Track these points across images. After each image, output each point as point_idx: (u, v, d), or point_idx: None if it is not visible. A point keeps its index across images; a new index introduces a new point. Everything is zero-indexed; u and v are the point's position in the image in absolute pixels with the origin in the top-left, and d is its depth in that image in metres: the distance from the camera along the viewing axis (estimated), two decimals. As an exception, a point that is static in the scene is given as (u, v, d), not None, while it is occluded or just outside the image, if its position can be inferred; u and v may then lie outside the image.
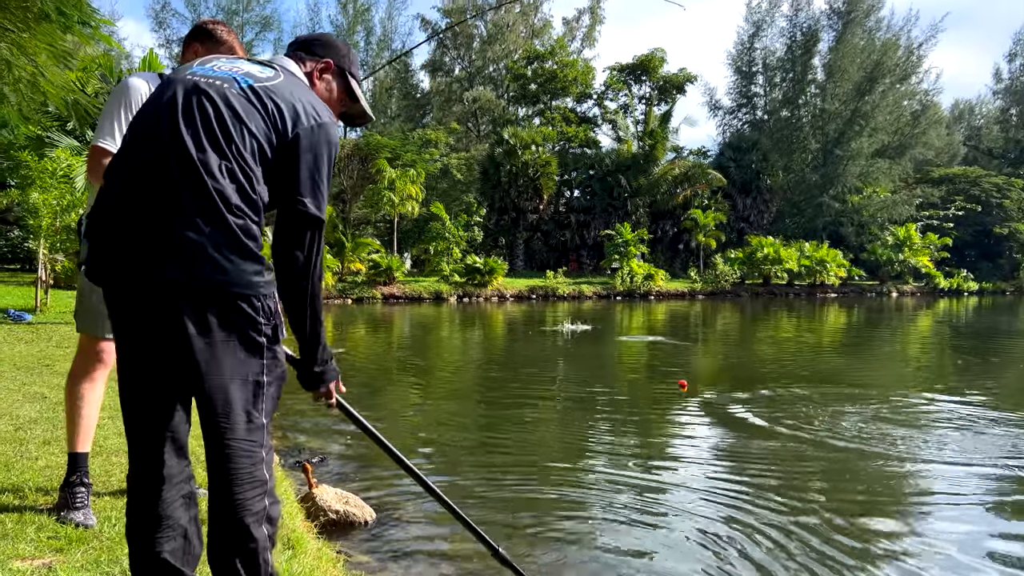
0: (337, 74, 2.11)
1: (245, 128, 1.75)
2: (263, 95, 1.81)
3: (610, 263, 40.47)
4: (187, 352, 1.69)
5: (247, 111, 1.77)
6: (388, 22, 56.56)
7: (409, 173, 36.66)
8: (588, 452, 6.18)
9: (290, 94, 1.85)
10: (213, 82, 1.81)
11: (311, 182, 1.81)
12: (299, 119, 1.81)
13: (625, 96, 51.81)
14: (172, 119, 1.73)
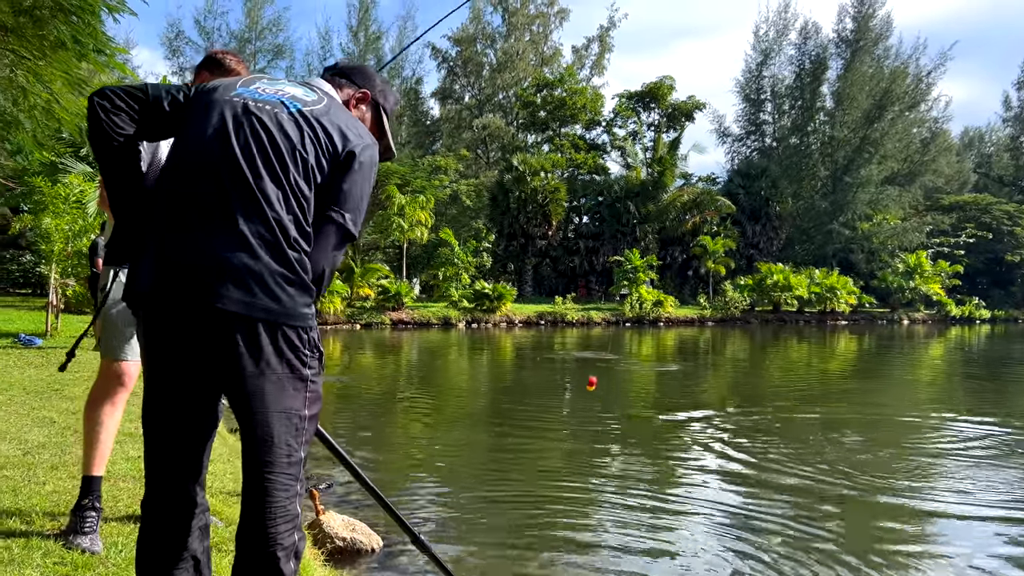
0: (372, 106, 2.13)
1: (299, 155, 1.75)
2: (313, 120, 1.81)
3: (619, 289, 40.41)
4: (238, 382, 1.68)
5: (300, 137, 1.77)
6: (398, 50, 57.17)
7: (419, 199, 36.84)
8: (595, 479, 6.11)
9: (337, 118, 1.86)
10: (263, 106, 1.80)
11: (357, 200, 1.85)
12: (348, 140, 1.83)
13: (634, 123, 52.08)
14: (225, 143, 1.72)
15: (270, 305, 1.65)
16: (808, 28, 55.94)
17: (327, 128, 1.81)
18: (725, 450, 7.13)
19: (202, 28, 53.32)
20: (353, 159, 1.82)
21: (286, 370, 1.71)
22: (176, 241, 1.68)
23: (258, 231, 1.65)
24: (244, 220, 1.65)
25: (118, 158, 1.80)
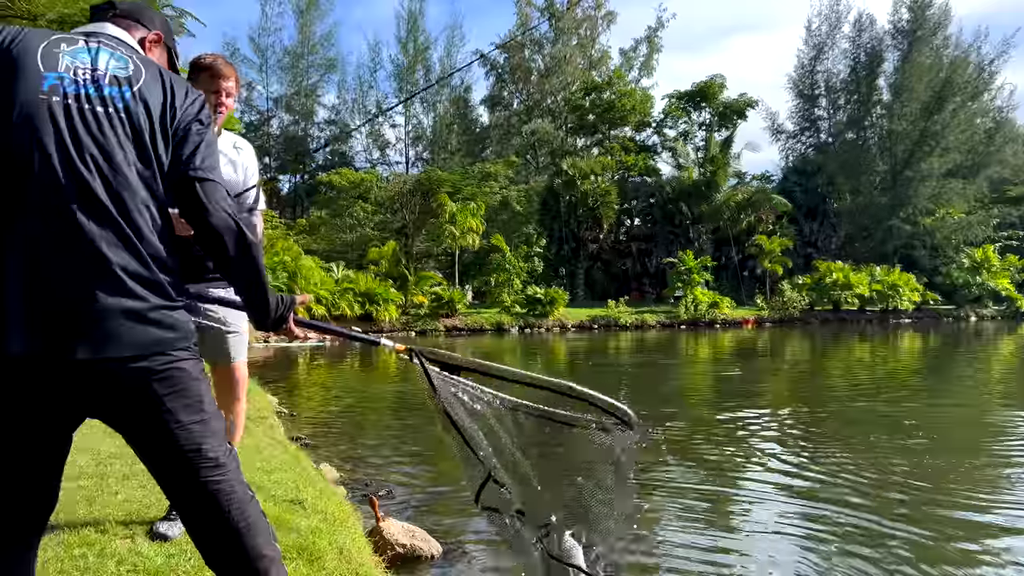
0: (164, 49, 2.02)
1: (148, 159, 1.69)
2: (143, 102, 1.70)
3: (673, 291, 40.00)
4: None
5: (147, 137, 1.68)
6: (447, 59, 57.56)
7: (470, 206, 37.08)
8: (653, 483, 6.05)
9: (158, 83, 1.75)
10: (89, 109, 1.65)
11: (208, 152, 1.77)
12: (185, 109, 1.76)
13: (685, 123, 51.55)
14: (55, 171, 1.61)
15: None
16: (862, 20, 54.62)
17: (156, 104, 1.72)
18: (788, 455, 7.00)
19: (256, 46, 54.64)
20: (194, 119, 1.76)
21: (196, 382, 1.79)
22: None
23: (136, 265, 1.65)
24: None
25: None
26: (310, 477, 4.65)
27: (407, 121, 56.77)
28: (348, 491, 5.31)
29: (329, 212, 44.17)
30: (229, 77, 3.05)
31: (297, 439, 7.18)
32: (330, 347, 23.92)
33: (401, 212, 43.35)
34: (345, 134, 55.62)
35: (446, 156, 55.02)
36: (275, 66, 54.98)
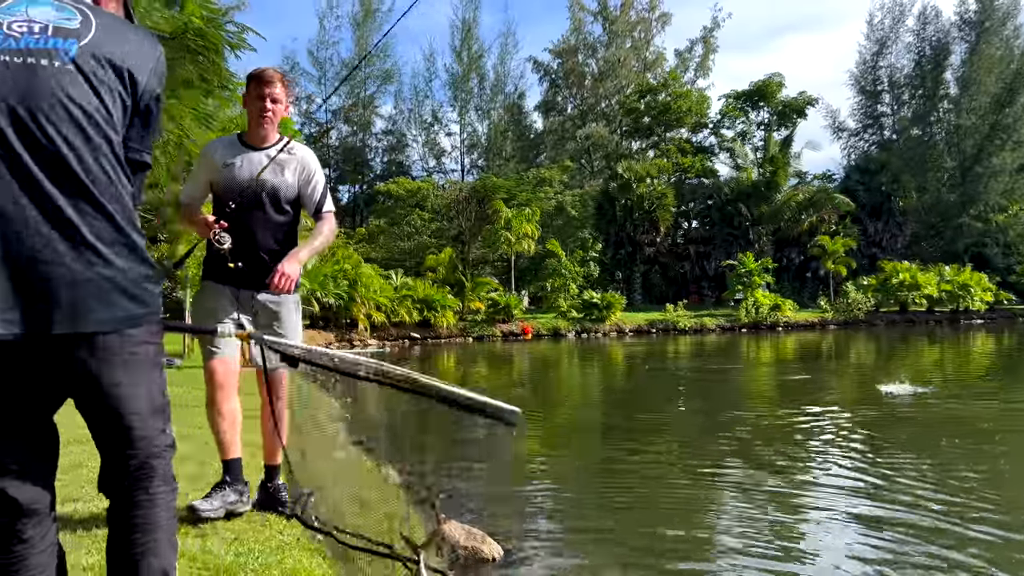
0: (119, 2, 1.84)
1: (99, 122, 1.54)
2: (95, 61, 1.54)
3: (733, 294, 39.35)
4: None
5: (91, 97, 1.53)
6: (500, 67, 57.95)
7: (525, 212, 37.17)
8: (715, 488, 5.95)
9: (113, 38, 1.60)
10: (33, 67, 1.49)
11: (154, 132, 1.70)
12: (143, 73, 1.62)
13: (742, 123, 50.77)
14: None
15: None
16: (927, 13, 53.14)
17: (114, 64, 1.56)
18: (855, 458, 6.80)
19: (315, 59, 55.89)
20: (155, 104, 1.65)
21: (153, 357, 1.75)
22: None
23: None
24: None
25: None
26: (372, 479, 4.70)
27: (462, 129, 57.31)
28: (408, 493, 5.36)
29: (387, 221, 44.83)
30: (274, 83, 3.15)
31: (359, 442, 7.28)
32: (390, 353, 24.21)
33: (457, 219, 43.72)
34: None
35: (501, 163, 55.29)
36: (333, 79, 56.10)
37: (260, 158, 3.15)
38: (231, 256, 3.00)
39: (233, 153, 3.18)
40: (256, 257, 3.13)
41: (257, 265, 3.12)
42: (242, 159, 3.16)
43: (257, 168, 3.13)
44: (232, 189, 3.12)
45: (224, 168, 3.15)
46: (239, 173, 3.14)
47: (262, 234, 3.16)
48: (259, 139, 3.20)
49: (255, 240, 3.14)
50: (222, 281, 3.16)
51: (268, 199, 3.15)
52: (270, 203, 3.16)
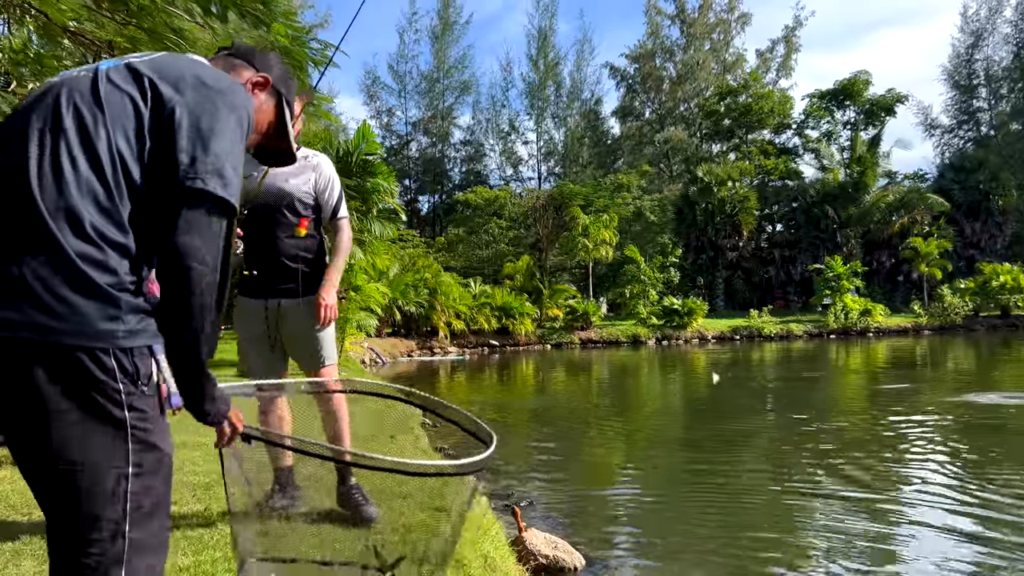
0: (273, 95, 1.74)
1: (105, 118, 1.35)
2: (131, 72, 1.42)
3: (820, 299, 38.12)
4: (17, 429, 1.29)
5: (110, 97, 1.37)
6: (576, 74, 57.94)
7: (602, 218, 36.97)
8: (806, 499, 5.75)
9: (173, 63, 1.47)
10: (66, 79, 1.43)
11: (217, 150, 1.37)
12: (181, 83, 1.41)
13: (828, 123, 49.23)
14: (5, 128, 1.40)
15: (44, 322, 1.21)
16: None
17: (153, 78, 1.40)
18: (955, 476, 6.47)
19: (395, 72, 57.13)
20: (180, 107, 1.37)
21: (84, 411, 1.26)
22: None
23: (21, 226, 1.24)
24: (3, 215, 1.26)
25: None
26: (454, 486, 4.74)
27: (539, 137, 57.50)
28: (490, 501, 5.38)
29: (466, 230, 45.35)
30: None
31: (441, 449, 7.36)
32: (469, 361, 24.43)
33: (534, 227, 43.84)
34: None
35: (577, 169, 55.21)
36: (413, 91, 57.26)
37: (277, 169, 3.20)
38: (245, 263, 3.15)
39: (252, 164, 3.25)
40: (277, 264, 3.23)
41: (278, 272, 3.22)
42: (258, 171, 3.24)
43: (271, 178, 3.22)
44: (249, 199, 3.22)
45: (245, 180, 3.24)
46: (254, 183, 3.23)
47: (281, 242, 3.24)
48: None
49: (275, 247, 3.23)
50: (252, 295, 3.26)
51: (285, 207, 3.24)
52: (287, 211, 3.24)
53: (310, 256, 3.28)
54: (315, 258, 3.31)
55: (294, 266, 3.22)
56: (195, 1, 7.00)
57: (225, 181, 1.34)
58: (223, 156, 1.36)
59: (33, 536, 2.99)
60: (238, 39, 7.21)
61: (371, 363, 20.97)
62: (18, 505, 3.44)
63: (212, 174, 1.33)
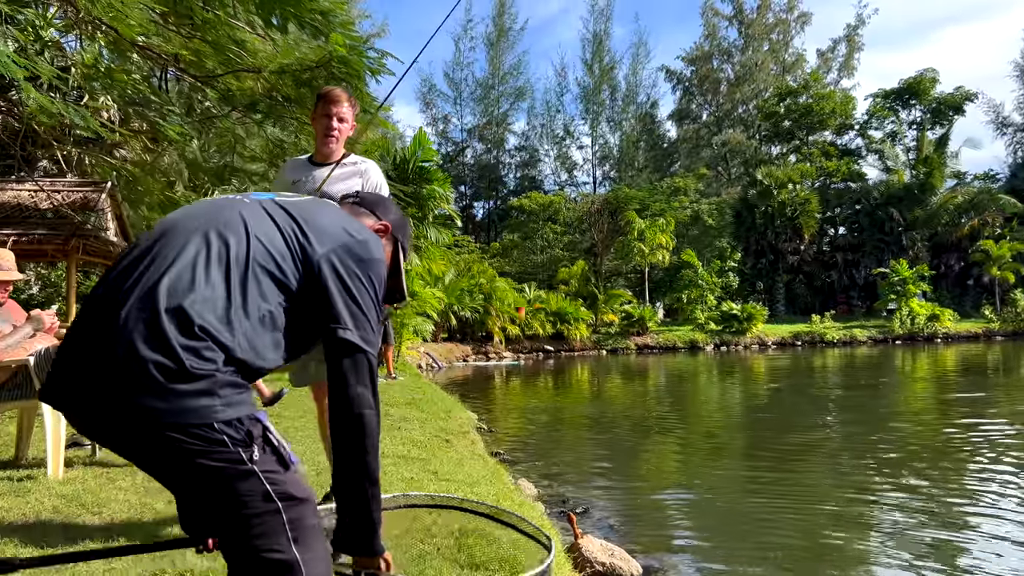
0: (391, 241, 1.90)
1: (242, 235, 1.52)
2: (282, 209, 1.61)
3: (885, 304, 37.01)
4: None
5: (257, 222, 1.56)
6: (632, 77, 57.53)
7: (658, 223, 36.61)
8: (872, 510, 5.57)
9: (323, 211, 1.67)
10: (225, 200, 1.64)
11: (355, 307, 1.57)
12: (327, 237, 1.59)
13: (892, 123, 47.85)
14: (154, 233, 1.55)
15: (160, 406, 1.33)
16: (1107, -9, 48.12)
17: (302, 219, 1.59)
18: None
19: (450, 80, 57.60)
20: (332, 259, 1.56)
21: (219, 477, 1.38)
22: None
23: (148, 323, 1.37)
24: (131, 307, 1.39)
25: None
26: (509, 491, 4.74)
27: (593, 141, 57.31)
28: (546, 507, 5.36)
29: (520, 235, 45.42)
30: (341, 102, 3.23)
31: (496, 454, 7.37)
32: (524, 365, 24.43)
33: (589, 232, 43.67)
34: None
35: (633, 173, 54.84)
36: (468, 98, 57.67)
37: (322, 174, 3.24)
38: None
39: (301, 171, 3.30)
40: None
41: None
42: (308, 176, 3.26)
43: (318, 183, 3.22)
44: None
45: (292, 186, 3.26)
46: (303, 189, 3.23)
47: None
48: (324, 156, 3.29)
49: None
50: None
51: None
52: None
53: None
54: None
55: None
56: (257, 14, 7.18)
57: (370, 339, 1.57)
58: (368, 313, 1.58)
59: (102, 534, 3.09)
60: (297, 50, 7.37)
61: (427, 368, 21.15)
62: (89, 504, 3.55)
63: (361, 332, 1.56)
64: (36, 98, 6.19)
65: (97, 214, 9.35)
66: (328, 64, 6.78)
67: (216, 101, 9.25)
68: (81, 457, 4.75)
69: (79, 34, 9.47)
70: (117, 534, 3.09)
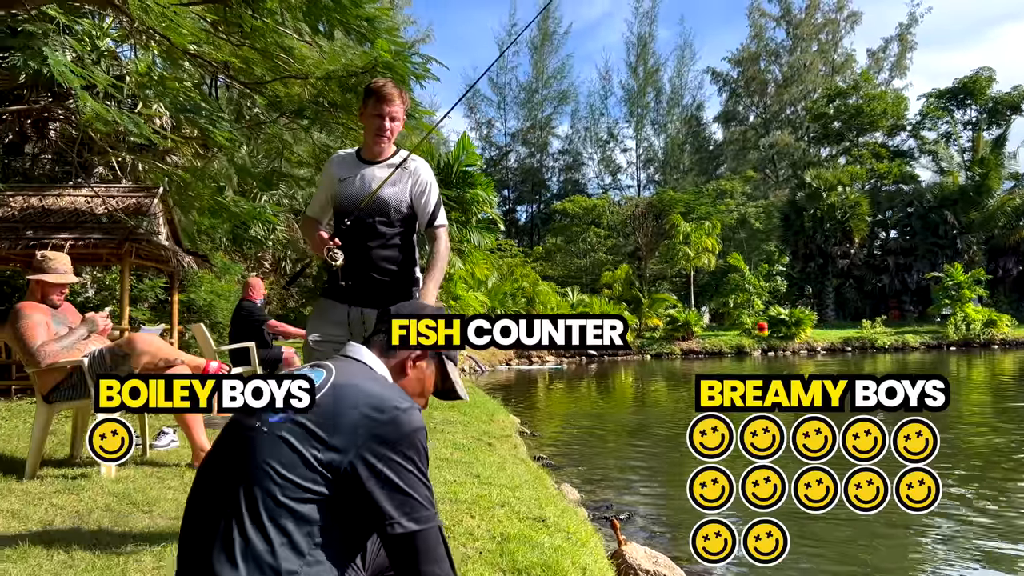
0: (434, 358, 1.93)
1: (269, 470, 1.52)
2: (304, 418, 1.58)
3: (939, 309, 36.00)
4: None
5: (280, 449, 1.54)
6: (677, 79, 57.02)
7: (704, 226, 36.19)
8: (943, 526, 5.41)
9: (341, 405, 1.60)
10: (249, 423, 1.63)
11: (394, 498, 1.55)
12: (354, 436, 1.56)
13: (946, 124, 46.60)
14: (202, 478, 1.63)
15: None
16: None
17: (322, 430, 1.56)
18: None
19: (494, 84, 57.77)
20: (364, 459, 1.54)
21: None
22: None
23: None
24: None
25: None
26: (552, 496, 4.71)
27: (638, 144, 56.97)
28: (589, 512, 5.32)
29: (564, 239, 45.32)
30: (394, 101, 3.09)
31: (539, 459, 7.35)
32: (567, 370, 24.36)
33: (633, 235, 43.38)
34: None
35: (678, 176, 54.36)
36: (512, 102, 57.80)
37: (373, 172, 3.15)
38: (342, 274, 3.03)
39: (349, 168, 3.18)
40: (367, 271, 3.12)
41: (367, 279, 3.11)
42: (357, 173, 3.16)
43: (369, 182, 3.12)
44: (347, 204, 3.13)
45: (340, 183, 3.16)
46: (353, 187, 3.14)
47: (374, 249, 3.13)
48: (375, 154, 3.18)
49: (368, 254, 3.12)
50: (337, 299, 3.14)
51: (379, 213, 3.12)
52: (381, 216, 3.12)
53: (397, 267, 3.17)
54: (402, 268, 3.20)
55: (382, 277, 3.13)
56: (304, 21, 7.29)
57: (422, 515, 1.55)
58: (416, 490, 1.56)
59: (153, 533, 3.15)
60: (344, 56, 7.46)
61: (470, 371, 21.21)
62: (139, 503, 3.63)
63: (413, 515, 1.54)
64: (92, 106, 6.37)
65: (149, 219, 9.57)
66: (373, 70, 6.86)
67: (264, 107, 9.43)
68: (133, 457, 4.86)
69: (134, 43, 9.74)
70: (166, 532, 3.15)
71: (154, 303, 13.60)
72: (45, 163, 12.40)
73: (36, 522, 3.28)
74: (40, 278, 4.39)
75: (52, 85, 9.90)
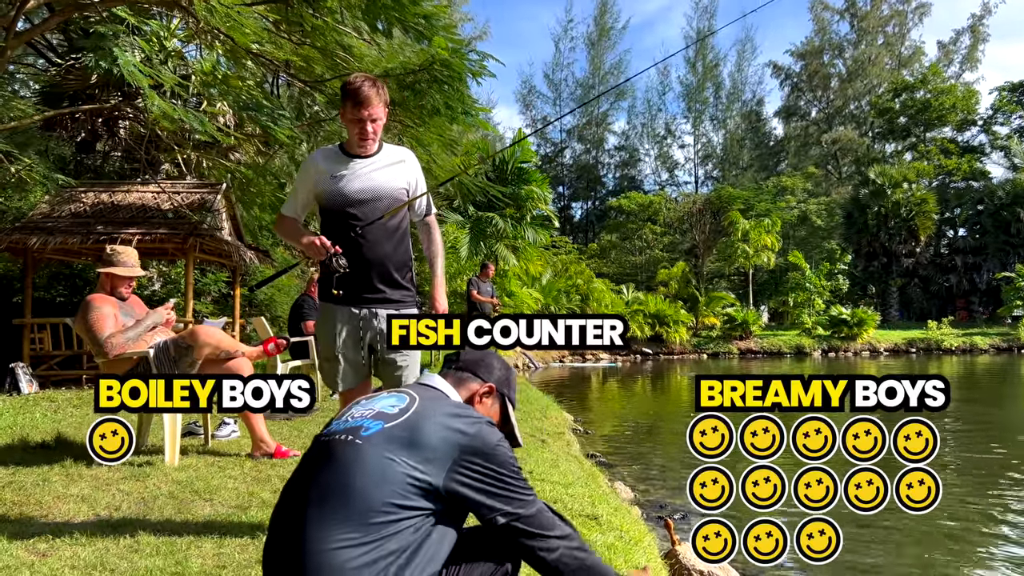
0: (498, 398, 2.01)
1: (355, 485, 1.58)
2: (394, 435, 1.65)
3: (1010, 310, 34.66)
4: None
5: (369, 462, 1.60)
6: (737, 74, 56.06)
7: (763, 223, 35.51)
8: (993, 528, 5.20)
9: (425, 423, 1.68)
10: (336, 437, 1.69)
11: (500, 489, 1.68)
12: (442, 454, 1.64)
13: (1020, 118, 44.81)
14: (291, 491, 1.69)
15: None
16: None
17: (414, 446, 1.62)
18: None
19: (551, 81, 57.70)
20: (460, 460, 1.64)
21: None
22: None
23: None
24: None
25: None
26: (605, 494, 4.68)
27: (696, 140, 56.21)
28: (642, 511, 5.27)
29: (619, 236, 45.01)
30: (371, 103, 2.97)
31: (592, 456, 7.31)
32: (622, 368, 24.19)
33: (690, 232, 42.84)
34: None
35: (737, 172, 53.47)
36: (568, 99, 57.57)
37: (367, 167, 3.07)
38: (336, 282, 2.93)
39: (339, 164, 3.07)
40: (369, 268, 3.04)
41: (370, 277, 3.04)
42: (350, 169, 3.06)
43: (366, 177, 3.05)
44: (342, 200, 3.03)
45: (332, 179, 3.04)
46: (349, 183, 3.04)
47: (377, 244, 3.05)
48: (362, 151, 3.08)
49: (370, 250, 3.04)
50: (338, 302, 3.04)
51: (378, 207, 3.03)
52: (381, 211, 3.03)
53: (405, 262, 3.13)
54: (408, 262, 3.14)
55: (395, 274, 3.08)
56: (363, 19, 7.37)
57: (523, 507, 1.69)
58: (513, 487, 1.70)
59: (214, 521, 3.23)
60: (401, 54, 7.52)
61: (524, 368, 21.23)
62: (201, 491, 3.73)
63: (515, 505, 1.68)
64: (159, 105, 6.56)
65: (213, 214, 9.82)
66: (431, 67, 6.90)
67: (324, 105, 9.58)
68: (195, 446, 4.99)
69: (199, 43, 10.00)
70: (226, 520, 3.22)
71: (217, 297, 13.96)
72: (115, 160, 12.83)
73: (104, 507, 3.40)
74: (109, 271, 4.54)
75: (122, 85, 10.23)
